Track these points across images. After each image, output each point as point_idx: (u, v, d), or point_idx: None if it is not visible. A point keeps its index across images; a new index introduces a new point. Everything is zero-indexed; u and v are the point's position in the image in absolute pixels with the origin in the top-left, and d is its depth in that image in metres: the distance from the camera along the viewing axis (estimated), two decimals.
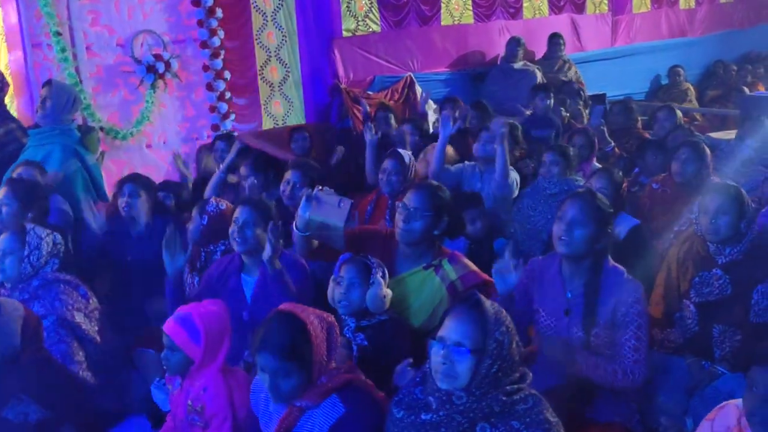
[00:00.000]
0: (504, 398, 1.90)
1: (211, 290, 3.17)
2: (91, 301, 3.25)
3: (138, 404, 3.31)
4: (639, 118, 6.47)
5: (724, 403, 2.00)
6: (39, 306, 3.07)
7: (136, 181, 3.99)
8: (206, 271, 3.37)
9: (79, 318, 3.14)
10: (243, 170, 4.39)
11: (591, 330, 2.56)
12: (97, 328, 3.21)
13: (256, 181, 4.27)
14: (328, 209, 3.07)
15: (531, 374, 2.01)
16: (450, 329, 1.96)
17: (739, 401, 1.98)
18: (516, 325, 2.03)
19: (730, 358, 2.95)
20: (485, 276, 2.99)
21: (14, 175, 3.91)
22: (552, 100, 6.03)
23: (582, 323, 2.57)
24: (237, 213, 3.13)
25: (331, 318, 2.26)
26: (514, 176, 4.48)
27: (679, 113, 5.78)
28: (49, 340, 2.97)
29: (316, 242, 3.20)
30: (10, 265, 3.13)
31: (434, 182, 3.26)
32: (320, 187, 3.14)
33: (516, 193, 4.55)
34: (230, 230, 3.14)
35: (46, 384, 2.33)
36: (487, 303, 1.98)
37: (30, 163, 4.04)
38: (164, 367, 2.65)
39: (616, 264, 2.66)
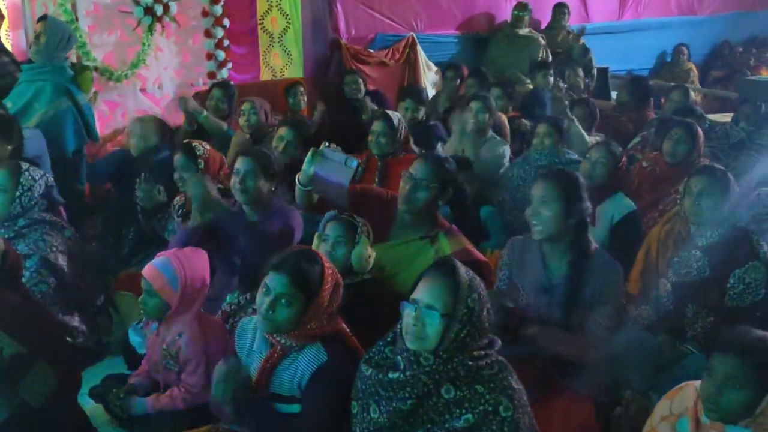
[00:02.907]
0: (470, 363, 1.94)
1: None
2: (75, 244, 3.26)
3: (116, 346, 3.37)
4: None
5: (684, 383, 2.03)
6: (23, 245, 3.08)
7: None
8: None
9: (62, 260, 3.15)
10: None
11: (572, 312, 2.59)
12: (79, 272, 3.22)
13: None
14: (335, 167, 3.05)
15: (500, 341, 2.04)
16: (423, 292, 1.98)
17: (698, 383, 2.01)
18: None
19: (701, 338, 2.98)
20: (480, 255, 3.01)
21: None
22: (552, 78, 5.97)
23: (563, 304, 2.60)
24: (237, 163, 3.11)
25: (341, 280, 2.31)
26: (505, 148, 4.52)
27: (693, 94, 5.68)
28: (31, 280, 3.01)
29: (316, 197, 3.19)
30: None
31: (441, 154, 3.22)
32: (327, 144, 3.12)
33: (507, 162, 4.56)
34: (231, 182, 3.12)
35: (22, 320, 2.35)
36: (462, 269, 1.99)
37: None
38: (141, 311, 2.68)
39: (596, 244, 2.66)
